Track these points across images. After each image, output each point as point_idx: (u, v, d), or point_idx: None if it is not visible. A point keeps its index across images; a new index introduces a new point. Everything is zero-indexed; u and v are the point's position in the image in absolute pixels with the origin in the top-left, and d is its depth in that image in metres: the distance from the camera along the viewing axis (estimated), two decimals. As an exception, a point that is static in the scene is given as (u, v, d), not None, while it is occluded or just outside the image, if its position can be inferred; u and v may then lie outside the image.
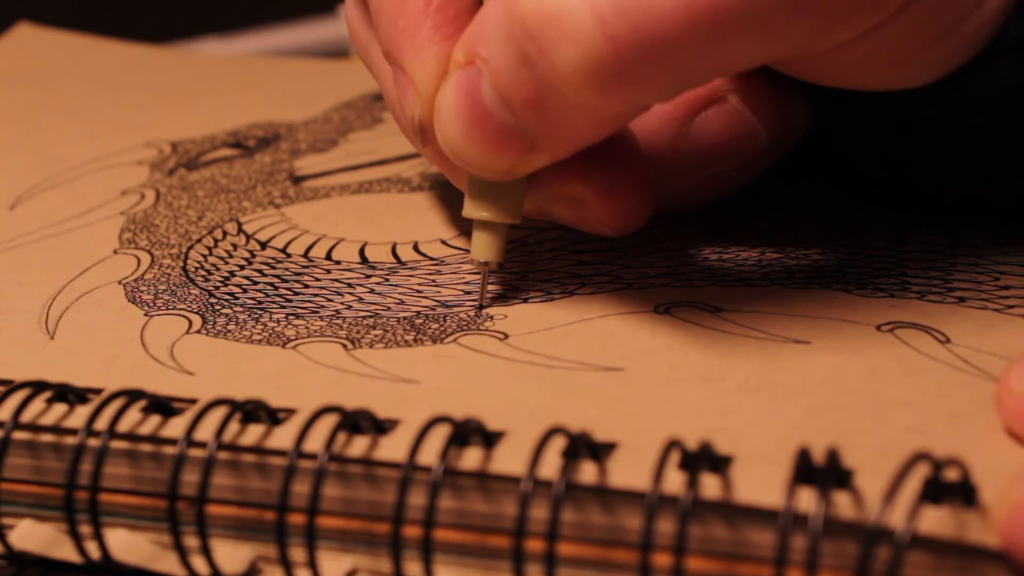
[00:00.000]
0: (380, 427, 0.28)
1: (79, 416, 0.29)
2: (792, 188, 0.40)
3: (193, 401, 0.30)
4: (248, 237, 0.39)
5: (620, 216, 0.34)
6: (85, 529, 0.28)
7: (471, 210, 0.34)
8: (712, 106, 0.36)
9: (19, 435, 0.29)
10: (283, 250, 0.38)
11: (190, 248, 0.39)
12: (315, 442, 0.27)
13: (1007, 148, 0.35)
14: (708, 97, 0.36)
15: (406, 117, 0.34)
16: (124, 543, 0.29)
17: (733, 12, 0.28)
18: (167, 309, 0.35)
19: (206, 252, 0.38)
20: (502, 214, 0.34)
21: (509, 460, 0.27)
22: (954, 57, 0.32)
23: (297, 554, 0.27)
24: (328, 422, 0.28)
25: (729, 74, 0.32)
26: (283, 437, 0.28)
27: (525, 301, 0.35)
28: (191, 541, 0.28)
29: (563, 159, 0.32)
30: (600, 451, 0.27)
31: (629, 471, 0.26)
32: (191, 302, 0.35)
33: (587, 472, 0.26)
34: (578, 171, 0.33)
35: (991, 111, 0.34)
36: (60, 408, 0.29)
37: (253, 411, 0.29)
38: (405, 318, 0.34)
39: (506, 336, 0.33)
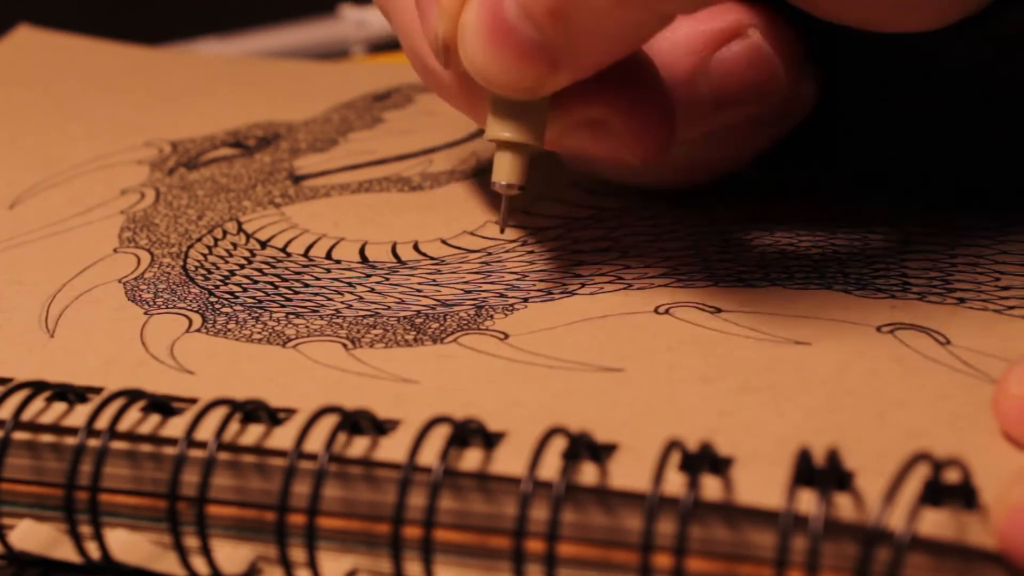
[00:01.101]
0: (380, 427, 0.28)
1: (79, 416, 0.29)
2: (793, 187, 0.40)
3: (193, 401, 0.30)
4: (248, 236, 0.39)
5: (644, 139, 0.34)
6: (85, 529, 0.28)
7: (494, 131, 0.33)
8: (734, 41, 0.35)
9: (19, 435, 0.29)
10: (283, 249, 0.38)
11: (190, 247, 0.39)
12: (315, 442, 0.27)
13: (1006, 110, 0.35)
14: (730, 31, 0.35)
15: (429, 38, 0.33)
16: (124, 543, 0.29)
17: None
18: (167, 308, 0.35)
19: (206, 251, 0.38)
20: (525, 135, 0.33)
21: (509, 461, 0.27)
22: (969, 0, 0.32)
23: (297, 554, 0.27)
24: (328, 422, 0.28)
25: None
26: (283, 437, 0.28)
27: (525, 301, 0.35)
28: (191, 541, 0.28)
29: (585, 79, 0.32)
30: (600, 452, 0.27)
31: (629, 472, 0.26)
32: (191, 301, 0.35)
33: (587, 473, 0.26)
34: (600, 92, 0.33)
35: (994, 64, 0.33)
36: (60, 407, 0.29)
37: (253, 411, 0.29)
38: (405, 317, 0.34)
39: (506, 336, 0.33)
